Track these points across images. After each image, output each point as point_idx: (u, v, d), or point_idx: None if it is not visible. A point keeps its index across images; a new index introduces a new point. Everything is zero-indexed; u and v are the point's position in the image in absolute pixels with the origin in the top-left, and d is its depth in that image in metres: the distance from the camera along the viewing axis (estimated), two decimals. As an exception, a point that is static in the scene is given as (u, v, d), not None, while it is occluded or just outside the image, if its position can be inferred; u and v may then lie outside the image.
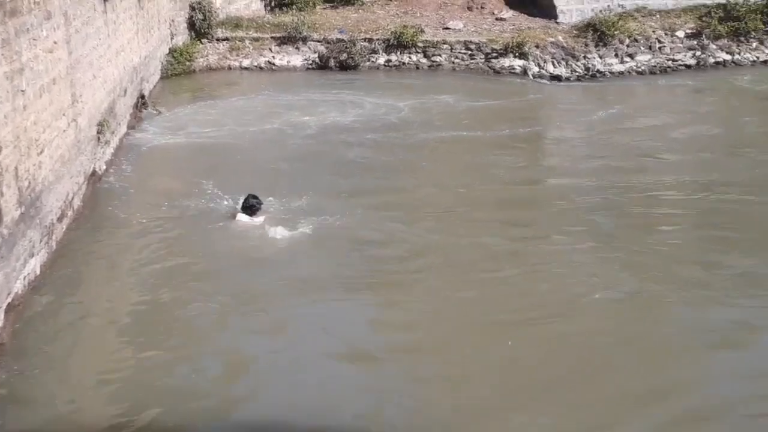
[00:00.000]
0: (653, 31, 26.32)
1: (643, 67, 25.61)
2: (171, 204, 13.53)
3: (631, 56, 25.76)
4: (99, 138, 14.48)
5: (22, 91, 9.92)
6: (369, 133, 18.21)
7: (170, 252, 11.79)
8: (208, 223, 12.73)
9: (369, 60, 25.39)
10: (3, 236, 9.08)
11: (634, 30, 26.08)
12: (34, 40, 10.45)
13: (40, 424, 7.91)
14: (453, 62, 25.50)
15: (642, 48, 25.94)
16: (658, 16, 26.99)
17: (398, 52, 25.51)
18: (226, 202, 13.42)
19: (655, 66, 25.71)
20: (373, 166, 16.09)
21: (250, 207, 12.67)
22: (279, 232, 12.32)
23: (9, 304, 9.33)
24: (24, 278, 9.94)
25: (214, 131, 18.19)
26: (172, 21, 24.71)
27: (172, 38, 24.73)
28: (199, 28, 25.61)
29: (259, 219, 12.66)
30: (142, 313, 10.08)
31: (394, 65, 25.47)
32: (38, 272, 10.52)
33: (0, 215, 9.00)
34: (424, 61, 25.53)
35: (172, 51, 24.40)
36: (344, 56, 25.08)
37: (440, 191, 14.61)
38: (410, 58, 25.54)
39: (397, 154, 16.86)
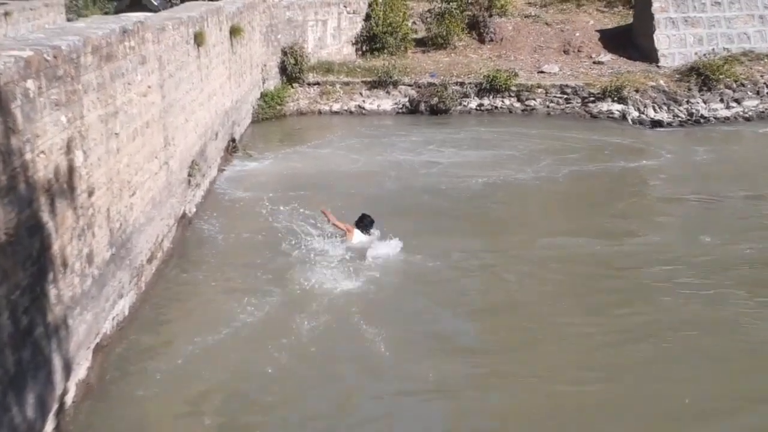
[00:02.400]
0: (761, 76, 25.76)
1: (750, 113, 25.08)
2: (261, 250, 13.67)
3: (737, 101, 25.25)
4: (190, 181, 14.91)
5: (116, 134, 10.34)
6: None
7: (260, 300, 11.75)
8: (302, 271, 12.67)
9: (460, 104, 25.55)
10: (93, 276, 9.40)
11: (741, 74, 25.57)
12: (128, 84, 10.91)
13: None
14: (548, 106, 25.44)
15: (749, 93, 25.40)
16: (766, 60, 26.49)
17: (491, 96, 25.61)
18: (315, 248, 13.51)
19: (763, 112, 25.17)
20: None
21: (365, 223, 13.69)
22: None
23: (97, 344, 9.61)
24: (113, 319, 10.24)
25: (306, 176, 18.47)
26: (264, 65, 25.45)
27: (263, 82, 25.45)
28: (291, 72, 26.30)
29: (372, 237, 13.63)
30: (229, 363, 10.11)
31: (486, 109, 25.56)
32: (127, 313, 10.83)
33: (91, 255, 9.33)
34: (517, 105, 25.54)
35: (263, 95, 25.11)
36: (435, 100, 25.33)
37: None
38: (503, 102, 25.59)
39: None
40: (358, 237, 13.58)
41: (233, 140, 20.31)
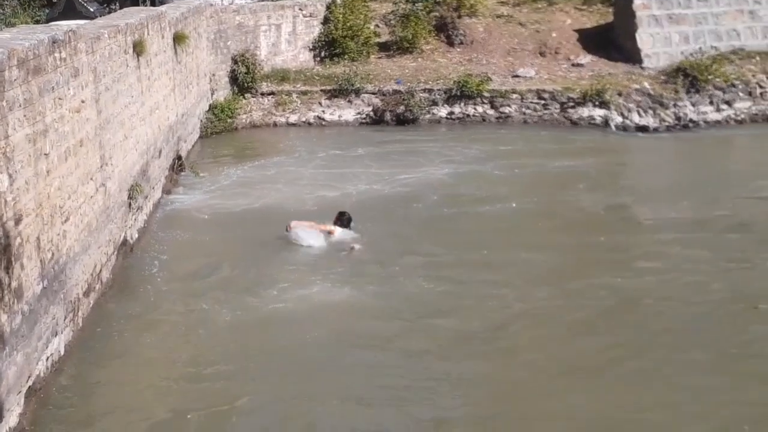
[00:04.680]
0: (753, 75, 26.15)
1: (742, 116, 25.43)
2: (209, 279, 13.70)
3: (728, 103, 25.60)
4: (130, 204, 14.85)
5: (46, 154, 10.28)
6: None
7: (207, 333, 11.83)
8: (250, 301, 12.75)
9: (429, 113, 25.68)
10: (23, 313, 9.32)
11: (731, 74, 25.93)
12: (59, 99, 10.86)
13: None
14: (524, 113, 25.65)
15: (741, 94, 25.76)
16: (758, 58, 26.84)
17: (462, 103, 25.77)
18: (270, 276, 13.55)
19: (756, 114, 25.48)
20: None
21: (342, 220, 15.31)
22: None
23: (30, 387, 9.52)
24: (47, 359, 10.15)
25: (259, 196, 18.42)
26: (213, 75, 25.45)
27: (212, 93, 25.44)
28: (242, 82, 26.31)
29: (350, 233, 15.18)
30: (175, 402, 10.11)
31: (458, 117, 25.72)
32: (62, 352, 10.73)
33: (20, 290, 9.26)
34: (491, 112, 25.74)
35: (212, 107, 25.09)
36: (401, 109, 25.43)
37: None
38: (475, 109, 25.79)
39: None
40: (339, 234, 15.15)
41: (179, 158, 20.25)
